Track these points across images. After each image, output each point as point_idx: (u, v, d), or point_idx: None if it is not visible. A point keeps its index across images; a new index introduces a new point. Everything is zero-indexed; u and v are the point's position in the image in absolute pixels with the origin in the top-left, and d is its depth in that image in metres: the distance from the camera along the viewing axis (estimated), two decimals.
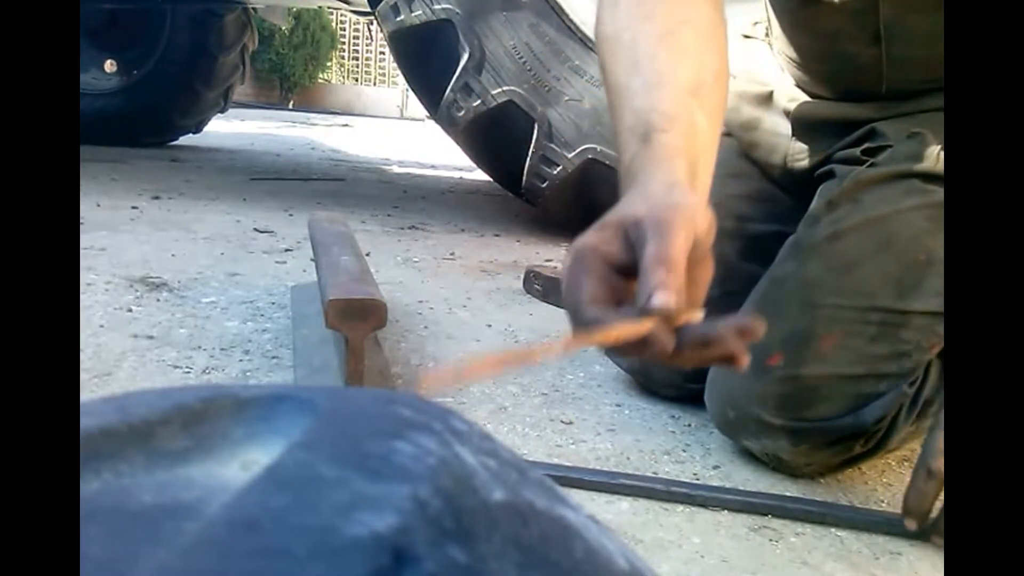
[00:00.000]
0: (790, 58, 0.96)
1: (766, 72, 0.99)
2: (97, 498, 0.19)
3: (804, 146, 0.93)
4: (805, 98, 0.94)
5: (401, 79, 8.32)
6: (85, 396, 0.58)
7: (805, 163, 0.92)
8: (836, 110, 0.89)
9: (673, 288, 0.47)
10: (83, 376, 0.92)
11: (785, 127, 0.95)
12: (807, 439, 0.79)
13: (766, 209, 0.97)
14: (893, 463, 0.88)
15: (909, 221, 0.80)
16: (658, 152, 0.55)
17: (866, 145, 0.85)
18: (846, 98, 0.90)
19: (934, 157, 0.80)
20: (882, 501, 0.79)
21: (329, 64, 12.02)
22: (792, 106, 0.94)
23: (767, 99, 0.97)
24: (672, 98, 0.58)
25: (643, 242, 0.48)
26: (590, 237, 0.51)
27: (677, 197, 0.51)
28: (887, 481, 0.83)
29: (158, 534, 0.17)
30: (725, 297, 0.94)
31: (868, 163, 0.84)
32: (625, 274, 0.50)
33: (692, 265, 0.50)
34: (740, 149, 1.00)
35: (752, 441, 0.82)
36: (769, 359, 0.80)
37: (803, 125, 0.93)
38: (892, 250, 0.79)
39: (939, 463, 0.67)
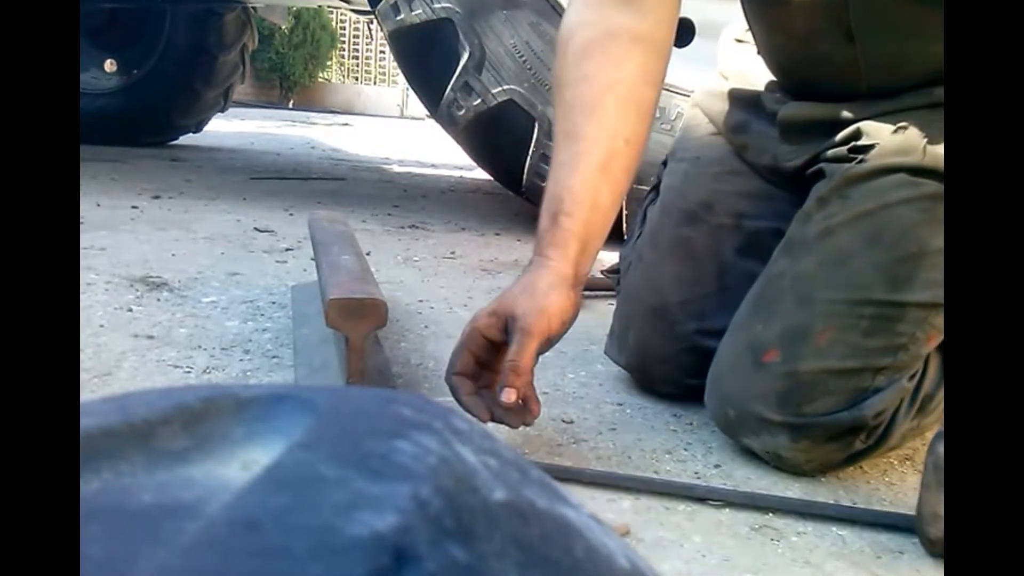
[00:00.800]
0: (772, 61, 0.97)
1: (756, 75, 1.01)
2: (97, 498, 0.19)
3: (792, 147, 0.93)
4: (791, 100, 0.94)
5: (401, 78, 8.32)
6: (85, 396, 0.58)
7: (794, 163, 0.93)
8: (821, 111, 0.90)
9: (516, 387, 0.74)
10: (83, 376, 0.92)
11: (773, 129, 0.95)
12: (807, 435, 0.79)
13: (764, 206, 0.97)
14: (895, 462, 0.88)
15: (899, 214, 0.80)
16: (561, 236, 0.78)
17: (853, 143, 0.85)
18: (830, 99, 0.90)
19: (921, 151, 0.81)
20: (884, 500, 0.79)
21: (329, 63, 12.02)
22: (779, 108, 0.94)
23: (756, 102, 0.98)
24: (584, 178, 0.79)
25: (511, 339, 0.75)
26: (482, 320, 0.78)
27: (551, 299, 0.76)
28: (889, 480, 0.83)
29: (158, 534, 0.17)
30: (721, 292, 0.95)
31: (856, 160, 0.84)
32: (498, 346, 0.78)
33: (550, 338, 0.77)
34: (733, 149, 1.01)
35: (752, 439, 0.82)
36: (765, 355, 0.81)
37: (789, 127, 0.94)
38: (883, 243, 0.80)
39: (938, 530, 0.66)
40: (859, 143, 0.85)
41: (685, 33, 2.13)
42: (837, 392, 0.78)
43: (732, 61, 1.06)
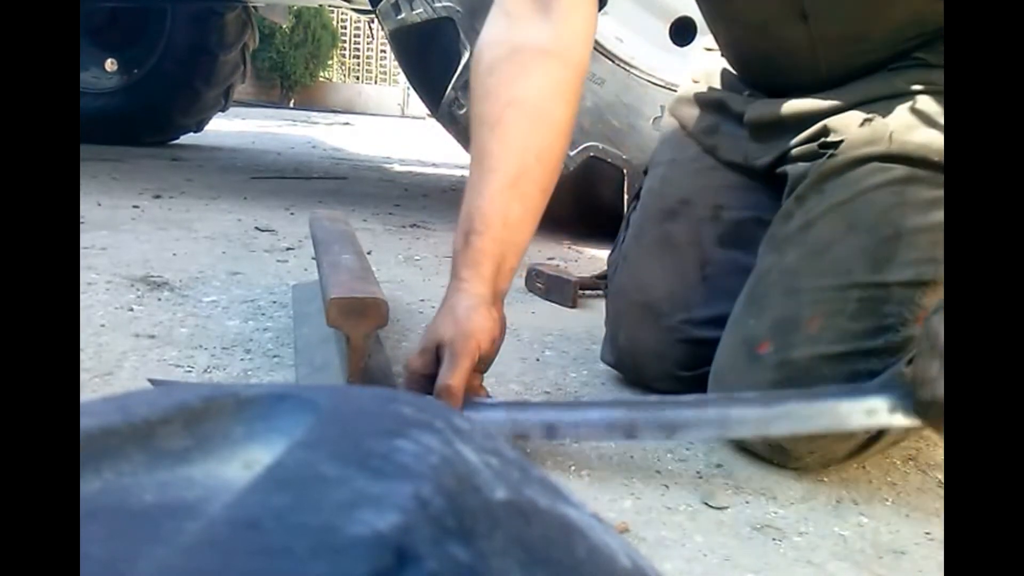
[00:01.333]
0: (733, 58, 1.00)
1: (721, 73, 1.04)
2: (98, 497, 0.19)
3: (761, 146, 0.95)
4: (757, 98, 0.96)
5: (402, 77, 8.32)
6: (86, 396, 0.58)
7: (764, 161, 0.95)
8: (787, 108, 0.92)
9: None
10: (84, 376, 0.92)
11: (742, 129, 0.98)
12: None
13: (740, 197, 1.00)
14: (898, 462, 0.88)
15: (873, 199, 0.82)
16: (473, 255, 0.78)
17: (823, 140, 0.87)
18: (792, 89, 0.92)
19: (887, 139, 0.82)
20: (887, 500, 0.79)
21: (330, 62, 12.03)
22: (745, 109, 0.96)
23: (722, 104, 1.01)
24: (492, 197, 0.79)
25: (441, 364, 0.75)
26: (414, 362, 0.77)
27: (474, 322, 0.75)
28: (892, 480, 0.83)
29: (159, 533, 0.17)
30: (705, 282, 0.97)
31: (828, 155, 0.86)
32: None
33: (483, 358, 0.77)
34: (705, 149, 1.03)
35: None
36: (759, 348, 0.82)
37: (757, 127, 0.95)
38: (861, 228, 0.81)
39: (933, 392, 0.64)
40: (828, 139, 0.86)
41: (686, 32, 2.13)
42: (832, 378, 0.79)
43: (700, 64, 1.09)
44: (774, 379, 0.80)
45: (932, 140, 0.81)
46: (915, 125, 0.82)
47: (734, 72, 1.02)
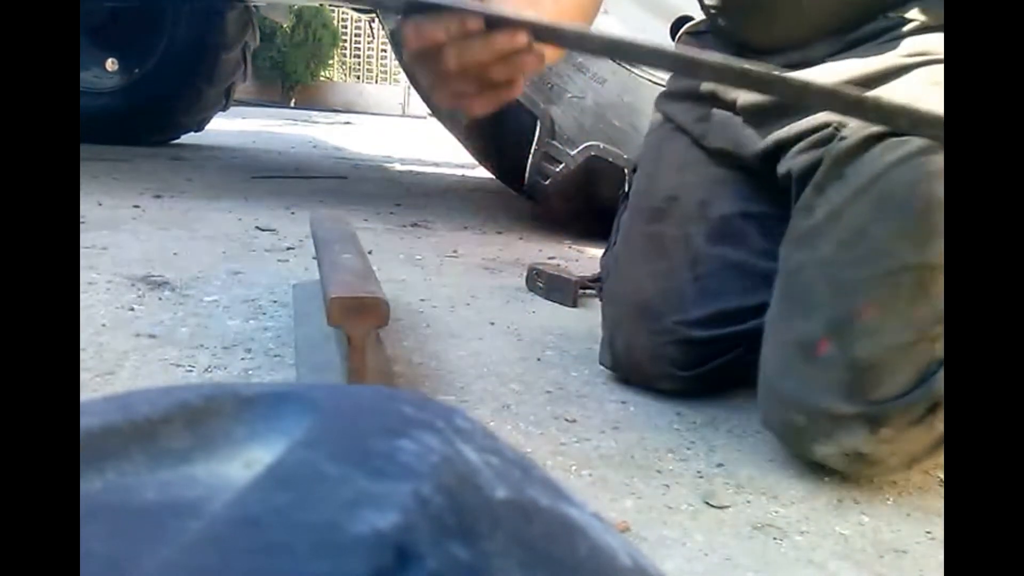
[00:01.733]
0: (719, 18, 0.99)
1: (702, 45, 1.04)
2: (100, 496, 0.19)
3: (757, 131, 0.94)
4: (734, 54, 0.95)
5: (403, 76, 8.32)
6: (87, 396, 0.58)
7: (757, 148, 0.93)
8: None
9: None
10: (85, 375, 0.92)
11: (735, 117, 0.97)
12: (886, 423, 0.75)
13: (725, 191, 0.99)
14: None
15: (897, 176, 0.77)
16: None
17: (833, 123, 0.83)
18: (778, 51, 0.92)
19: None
20: (887, 499, 0.79)
21: (331, 62, 12.02)
22: (737, 94, 0.95)
23: (713, 94, 1.00)
24: None
25: None
26: None
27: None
28: (893, 479, 0.83)
29: (161, 532, 0.17)
30: (696, 281, 0.97)
31: (839, 137, 0.82)
32: None
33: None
34: (693, 140, 1.03)
35: (827, 444, 0.78)
36: (818, 349, 0.78)
37: (752, 111, 0.94)
38: (892, 207, 0.77)
39: None
40: (834, 120, 0.82)
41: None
42: (902, 370, 0.74)
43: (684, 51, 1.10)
44: (842, 379, 0.76)
45: (938, 107, 0.79)
46: (918, 97, 0.77)
47: (718, 45, 1.01)
